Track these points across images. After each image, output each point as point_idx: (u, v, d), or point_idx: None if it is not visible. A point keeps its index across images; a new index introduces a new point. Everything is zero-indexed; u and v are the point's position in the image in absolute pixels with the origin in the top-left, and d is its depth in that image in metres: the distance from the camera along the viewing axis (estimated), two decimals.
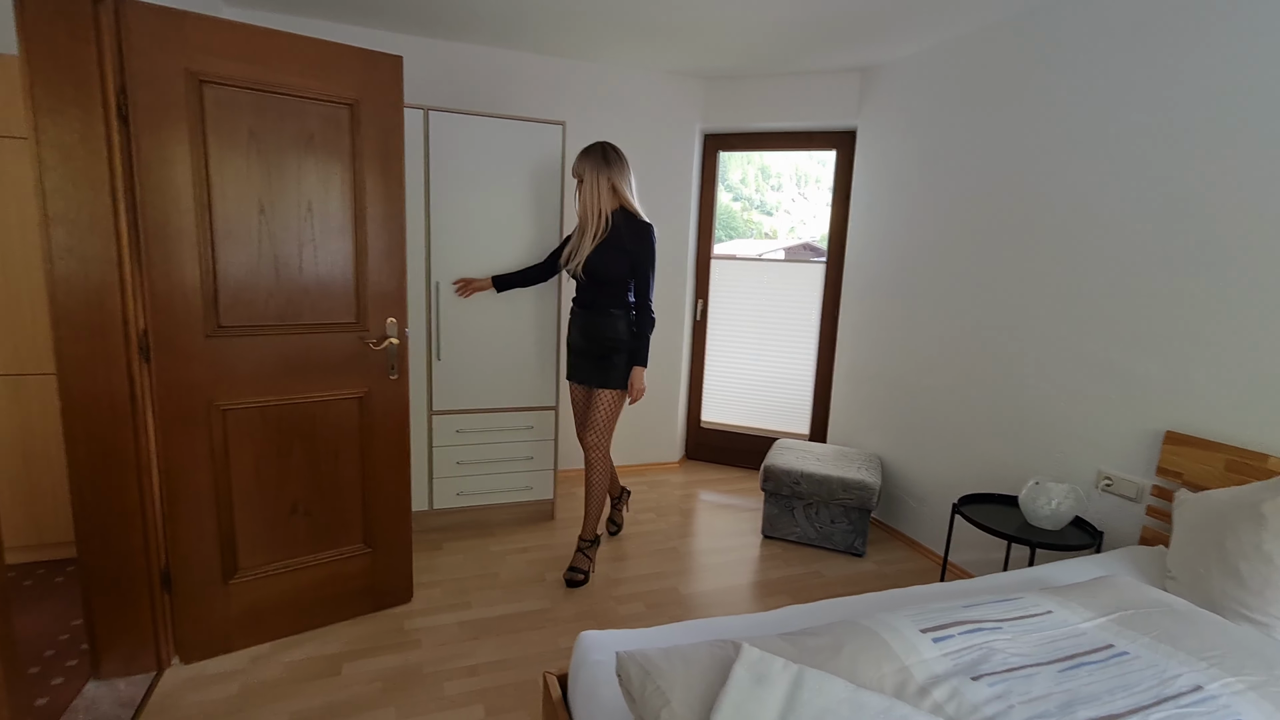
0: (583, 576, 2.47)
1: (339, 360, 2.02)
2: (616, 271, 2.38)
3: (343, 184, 1.95)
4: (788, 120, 3.41)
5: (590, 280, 2.43)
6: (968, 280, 2.62)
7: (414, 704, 1.80)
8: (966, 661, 1.08)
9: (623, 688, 1.08)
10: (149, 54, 1.64)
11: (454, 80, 3.07)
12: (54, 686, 1.78)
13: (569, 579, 2.46)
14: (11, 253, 2.19)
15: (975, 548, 2.58)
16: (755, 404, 3.85)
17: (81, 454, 1.69)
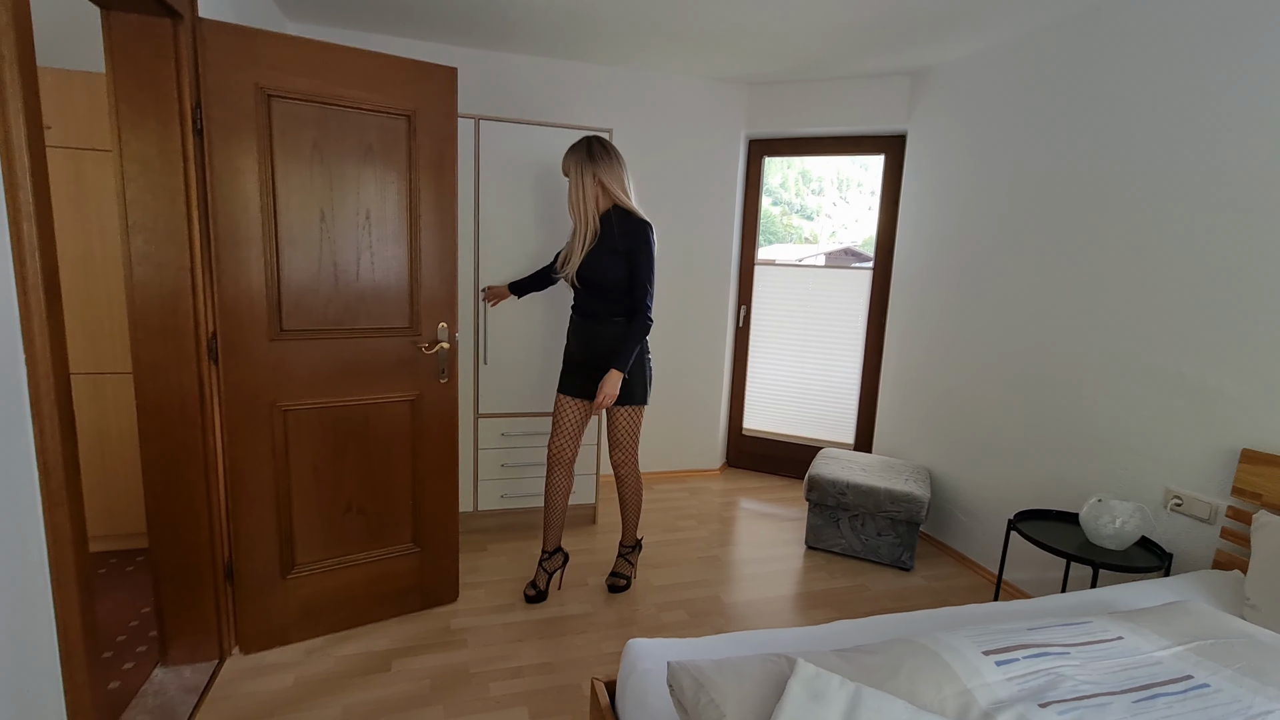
0: (624, 582, 2.46)
1: (392, 363, 2.07)
2: (613, 276, 2.19)
3: (399, 193, 2.00)
4: (834, 125, 3.36)
5: (586, 287, 2.25)
6: (1025, 288, 2.53)
7: (461, 703, 1.83)
8: (1033, 687, 1.04)
9: (674, 698, 1.08)
10: (223, 70, 1.72)
11: (504, 90, 3.12)
12: (125, 671, 1.87)
13: (611, 584, 2.46)
14: (93, 259, 2.32)
15: (1030, 566, 2.49)
16: (798, 412, 3.80)
17: (154, 451, 1.78)
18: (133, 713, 1.71)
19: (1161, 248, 2.04)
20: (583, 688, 1.91)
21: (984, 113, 2.74)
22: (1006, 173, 2.62)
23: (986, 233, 2.71)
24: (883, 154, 3.40)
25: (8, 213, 1.01)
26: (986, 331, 2.71)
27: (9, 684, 0.99)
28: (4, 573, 0.98)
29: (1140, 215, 2.10)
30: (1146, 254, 2.09)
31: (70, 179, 2.26)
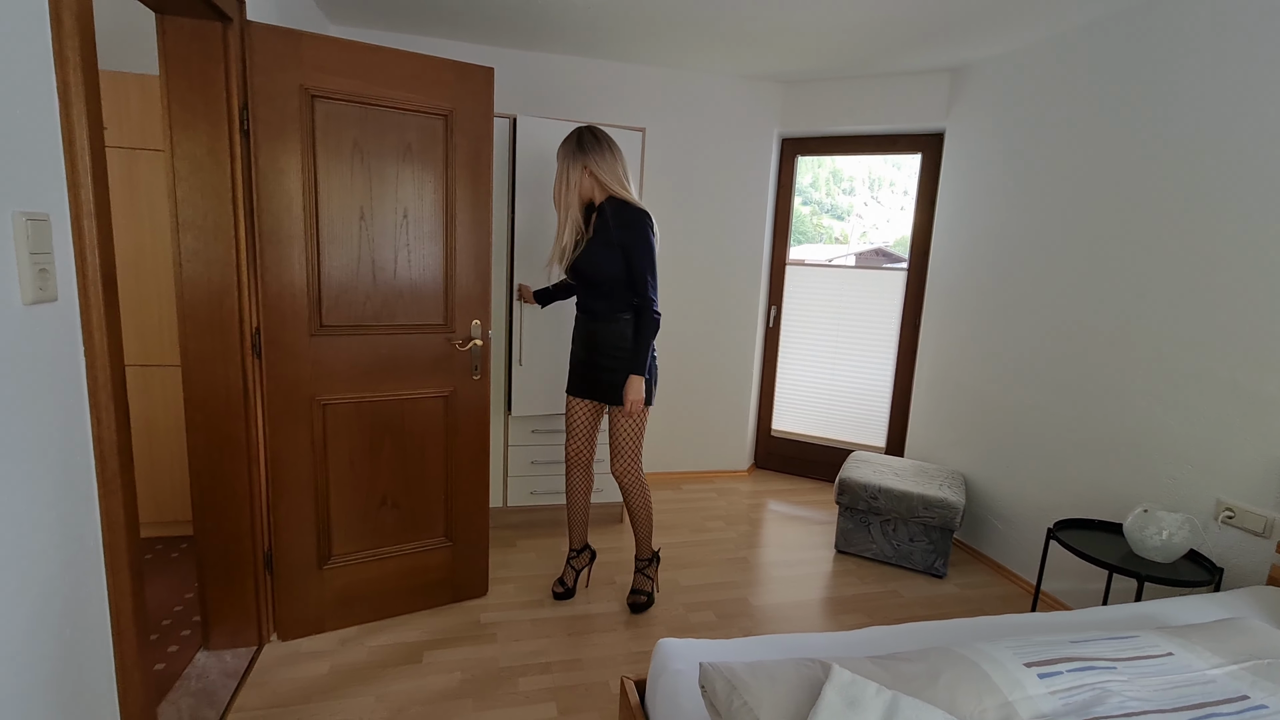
0: (645, 599, 2.33)
1: (428, 360, 2.11)
2: (609, 271, 2.10)
3: (435, 191, 2.03)
4: (870, 123, 3.31)
5: (583, 284, 2.19)
6: (1068, 289, 2.46)
7: (490, 696, 1.85)
8: (1078, 702, 1.01)
9: (706, 699, 1.08)
10: (269, 72, 1.77)
11: (539, 89, 3.15)
12: (170, 654, 1.94)
13: (632, 603, 2.32)
14: (144, 256, 2.40)
15: (1070, 577, 2.42)
16: (828, 414, 3.75)
17: (200, 442, 1.84)
18: (176, 694, 1.77)
19: (1214, 250, 1.96)
20: (610, 686, 1.91)
21: (1026, 110, 2.67)
22: (1049, 171, 2.55)
23: (1027, 232, 2.64)
24: (919, 152, 3.34)
25: (70, 210, 1.05)
26: (1026, 334, 2.64)
27: (65, 664, 1.04)
28: (62, 557, 1.03)
29: (1192, 215, 2.03)
30: (1198, 256, 2.01)
31: (124, 178, 2.34)
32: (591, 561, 2.47)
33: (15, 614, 0.92)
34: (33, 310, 0.96)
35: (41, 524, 0.97)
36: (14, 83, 0.91)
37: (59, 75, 1.01)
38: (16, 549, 0.92)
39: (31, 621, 0.96)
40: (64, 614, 1.03)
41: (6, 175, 0.90)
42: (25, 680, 0.95)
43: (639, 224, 2.07)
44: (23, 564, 0.94)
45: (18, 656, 0.93)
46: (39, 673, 0.98)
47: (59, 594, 1.02)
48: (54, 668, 1.01)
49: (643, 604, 2.33)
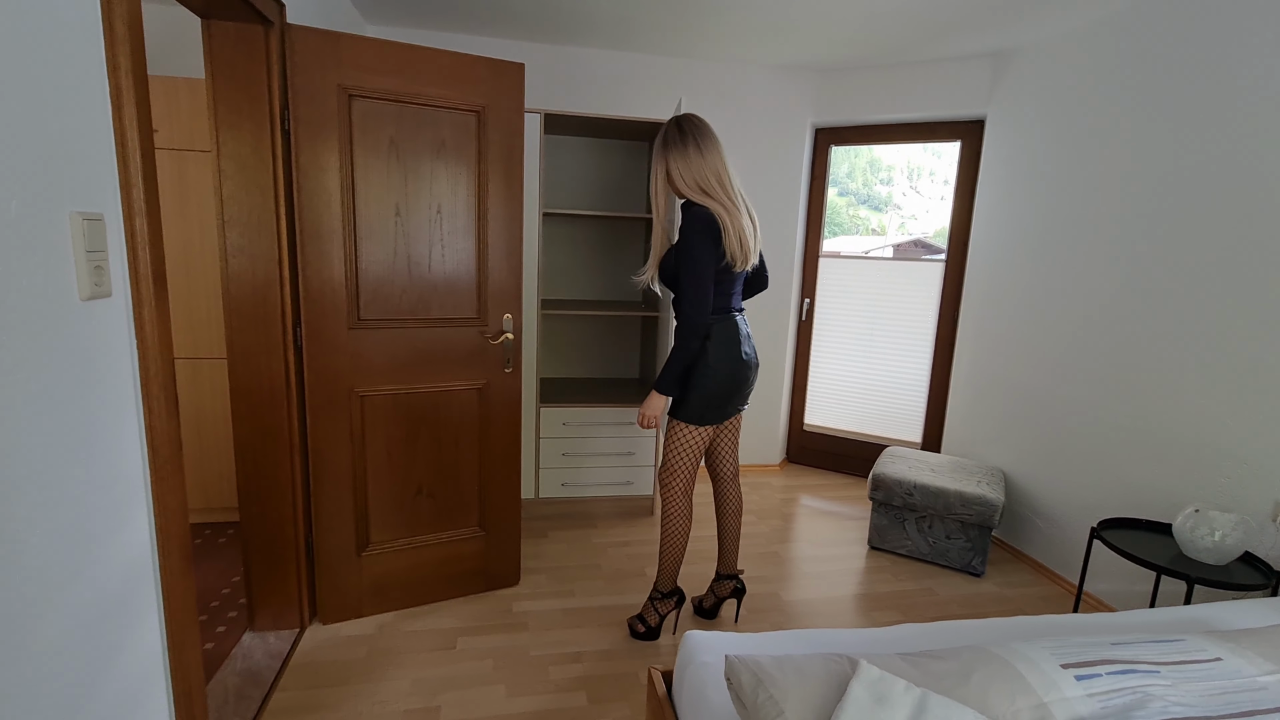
0: (643, 629, 2.09)
1: (461, 353, 2.14)
2: (669, 277, 1.95)
3: (468, 187, 2.06)
4: (907, 111, 3.23)
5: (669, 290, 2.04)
6: (1116, 280, 2.36)
7: (522, 683, 1.88)
8: (1117, 705, 0.97)
9: (732, 692, 1.08)
10: (309, 72, 1.81)
11: (570, 84, 3.16)
12: (218, 634, 2.03)
13: (630, 626, 2.13)
14: (193, 252, 2.50)
15: (1115, 578, 2.33)
16: (863, 408, 3.69)
17: (245, 432, 1.91)
18: (224, 674, 1.85)
19: (1274, 239, 1.86)
20: (640, 677, 1.93)
21: (1073, 95, 2.56)
22: (1095, 157, 2.45)
23: (1072, 221, 2.55)
24: (959, 140, 3.24)
25: (122, 209, 1.10)
26: (1071, 326, 2.55)
27: (120, 642, 1.09)
28: (118, 540, 1.08)
29: (1250, 202, 1.92)
30: (1257, 245, 1.91)
31: (174, 178, 2.44)
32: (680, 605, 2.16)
33: (74, 593, 0.98)
34: (89, 305, 1.01)
35: (97, 508, 1.03)
36: (70, 89, 0.96)
37: (111, 81, 1.06)
38: (75, 531, 0.98)
39: (89, 600, 1.01)
40: (120, 594, 1.09)
41: (65, 177, 0.95)
42: (82, 656, 1.01)
43: (686, 225, 1.82)
44: (80, 545, 0.99)
45: (76, 633, 0.99)
46: (96, 649, 1.03)
47: (116, 574, 1.08)
48: (110, 645, 1.07)
49: (639, 633, 2.10)
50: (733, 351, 1.91)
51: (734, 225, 1.81)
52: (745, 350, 1.94)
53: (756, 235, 1.91)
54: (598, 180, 2.95)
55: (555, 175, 2.81)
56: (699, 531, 2.92)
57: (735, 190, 1.85)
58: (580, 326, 3.17)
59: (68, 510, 0.96)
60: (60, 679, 0.95)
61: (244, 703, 1.75)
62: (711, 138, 1.85)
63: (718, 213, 1.80)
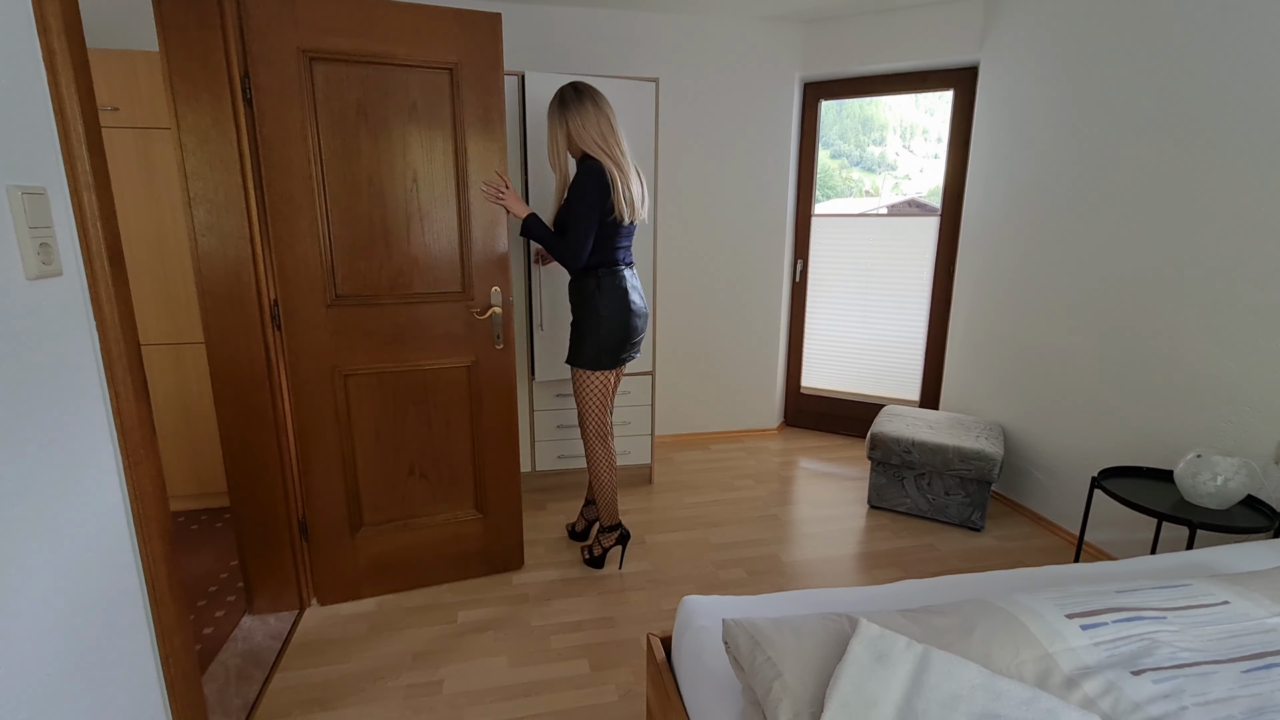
0: (588, 556, 2.34)
1: (448, 329, 2.07)
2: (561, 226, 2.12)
3: (445, 153, 1.98)
4: (898, 60, 3.12)
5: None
6: (1115, 227, 2.30)
7: (523, 654, 1.88)
8: (1124, 653, 0.95)
9: (730, 655, 1.06)
10: (266, 36, 1.72)
11: (547, 43, 3.04)
12: (217, 618, 2.01)
13: (582, 553, 2.39)
14: (165, 234, 2.42)
15: (1115, 527, 2.33)
16: (859, 369, 3.66)
17: (229, 415, 1.87)
18: (225, 655, 1.84)
19: (1277, 179, 1.80)
20: (641, 643, 1.93)
21: (1068, 35, 2.47)
22: (1093, 101, 2.36)
23: (1070, 168, 2.48)
24: (952, 89, 3.15)
25: (68, 184, 1.03)
26: (1069, 277, 2.50)
27: (103, 633, 1.07)
28: (91, 529, 1.04)
29: (1254, 142, 1.86)
30: (1259, 186, 1.85)
31: (138, 158, 2.35)
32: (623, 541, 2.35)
33: (47, 585, 0.94)
34: (37, 285, 0.95)
35: (64, 496, 0.99)
36: None
37: (43, 42, 0.98)
38: (42, 522, 0.94)
39: (65, 593, 0.98)
40: (99, 584, 1.05)
41: None
42: (62, 649, 0.98)
43: (581, 175, 2.00)
44: (49, 537, 0.95)
45: (54, 627, 0.96)
46: (76, 642, 1.00)
47: (93, 564, 1.04)
48: (92, 637, 1.04)
49: (585, 559, 2.35)
50: (622, 302, 2.11)
51: (622, 180, 2.01)
52: (633, 300, 2.15)
53: (644, 196, 2.14)
54: None
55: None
56: (699, 497, 2.92)
57: (625, 150, 2.06)
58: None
59: (31, 501, 0.92)
60: (40, 671, 0.92)
61: (246, 683, 1.74)
62: (600, 102, 2.04)
63: (609, 168, 2.00)
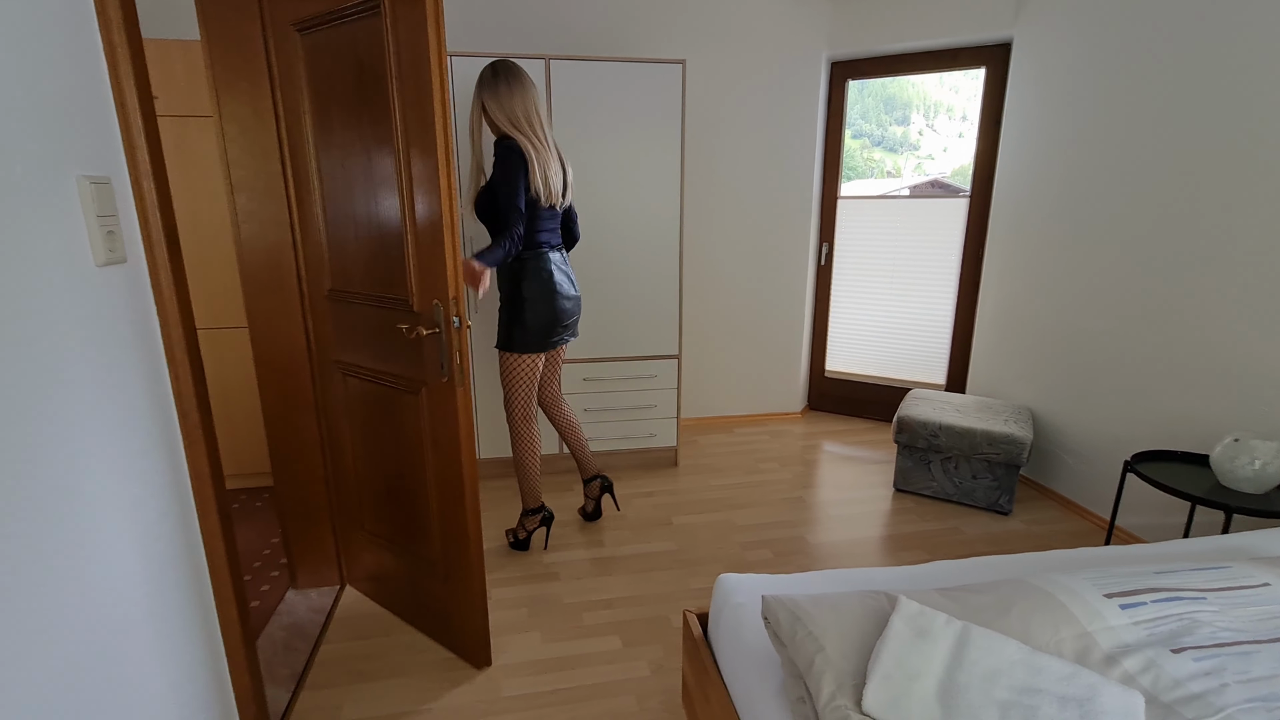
0: (511, 540, 2.36)
1: (397, 342, 1.67)
2: (486, 212, 2.07)
3: (387, 120, 1.53)
4: (928, 38, 3.07)
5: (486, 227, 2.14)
6: (1153, 207, 2.26)
7: (556, 630, 1.93)
8: (1164, 632, 0.96)
9: (769, 630, 1.08)
10: (278, 20, 1.68)
11: (572, 28, 3.03)
12: (262, 592, 2.09)
13: (507, 536, 2.40)
14: (202, 221, 2.48)
15: (1147, 511, 2.31)
16: (884, 352, 3.64)
17: (271, 397, 1.92)
18: (271, 628, 1.92)
19: None
20: (672, 620, 1.97)
21: (1107, 10, 2.40)
22: (1134, 78, 2.31)
23: (1107, 147, 2.43)
24: (983, 67, 3.08)
25: (129, 173, 1.07)
26: (1104, 258, 2.46)
27: (174, 602, 1.12)
28: (158, 505, 1.10)
29: None
30: None
31: (176, 146, 2.40)
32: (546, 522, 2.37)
33: (124, 558, 1.00)
34: (105, 272, 0.99)
35: (133, 474, 1.03)
36: (63, 48, 0.92)
37: (104, 37, 1.01)
38: (116, 497, 0.99)
39: (138, 566, 1.03)
40: (166, 557, 1.11)
41: (66, 140, 0.92)
42: (141, 616, 1.03)
43: (499, 155, 1.96)
44: (122, 512, 1.00)
45: (131, 599, 1.01)
46: (136, 613, 1.06)
47: (161, 538, 1.10)
48: (157, 603, 1.09)
49: (510, 542, 2.38)
50: (547, 286, 2.10)
51: (539, 160, 1.99)
52: (559, 283, 2.13)
53: (566, 179, 2.12)
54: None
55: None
56: (724, 480, 2.94)
57: (545, 133, 2.03)
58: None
59: (104, 478, 0.97)
60: (105, 636, 0.98)
61: (293, 654, 1.81)
62: (522, 81, 1.99)
63: (524, 146, 1.96)
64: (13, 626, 0.78)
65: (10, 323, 0.80)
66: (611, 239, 2.76)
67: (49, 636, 0.84)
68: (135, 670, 1.02)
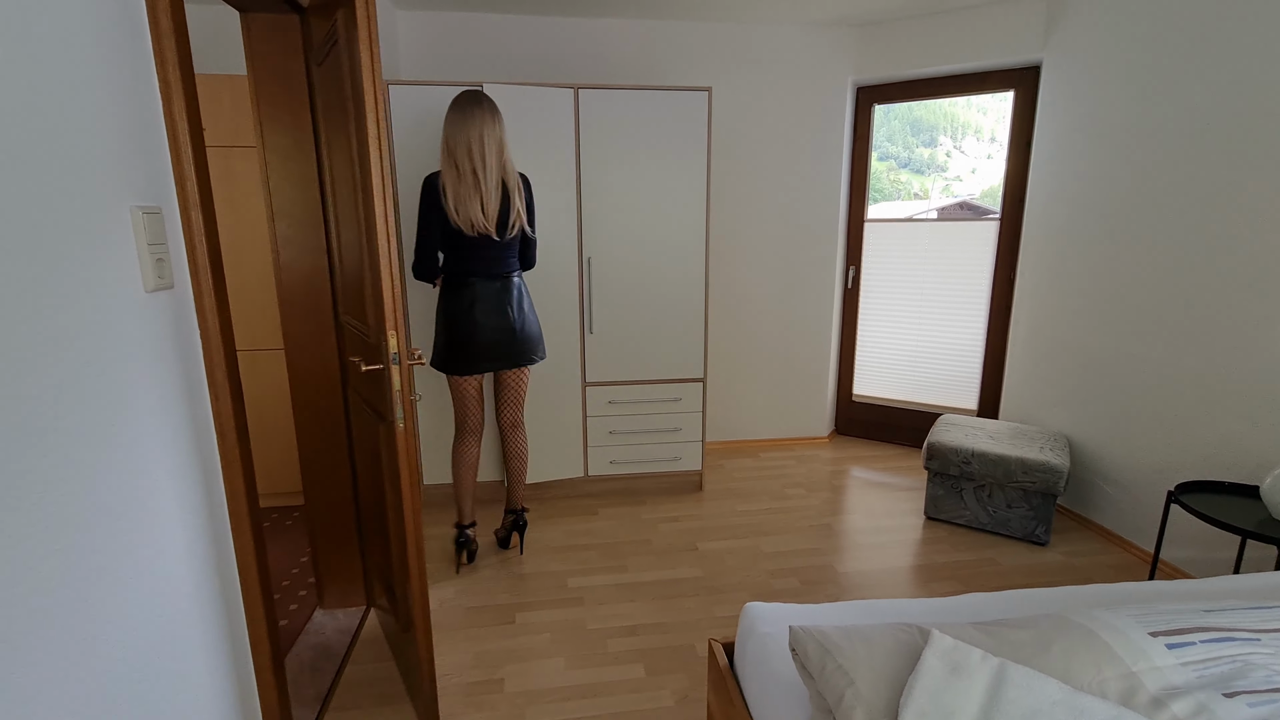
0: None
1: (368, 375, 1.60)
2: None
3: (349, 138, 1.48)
4: (955, 62, 3.06)
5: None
6: (1193, 226, 2.21)
7: (580, 656, 1.91)
8: (1216, 674, 0.92)
9: (797, 662, 1.06)
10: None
11: (601, 57, 3.10)
12: (290, 611, 2.11)
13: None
14: (242, 247, 2.57)
15: (1193, 544, 2.22)
16: (914, 377, 3.58)
17: (305, 418, 1.97)
18: (298, 648, 1.93)
19: None
20: (696, 648, 1.94)
21: (1140, 31, 2.38)
22: (1170, 97, 2.27)
23: (1145, 167, 2.38)
24: (1012, 90, 3.07)
25: (179, 203, 1.12)
26: (1143, 281, 2.40)
27: (210, 616, 1.14)
28: (196, 522, 1.12)
29: None
30: None
31: (221, 175, 2.50)
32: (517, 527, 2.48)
33: (148, 573, 1.02)
34: (154, 297, 1.04)
35: (171, 492, 1.06)
36: (122, 85, 0.98)
37: (160, 75, 1.07)
38: (156, 513, 1.02)
39: (178, 579, 1.06)
40: (198, 572, 1.13)
41: (123, 172, 0.97)
42: (160, 632, 1.05)
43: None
44: (162, 526, 1.03)
45: (155, 610, 1.03)
46: (171, 627, 1.08)
47: (195, 556, 1.12)
48: (190, 617, 1.12)
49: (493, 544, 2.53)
50: (458, 315, 2.14)
51: (453, 192, 2.03)
52: (476, 316, 2.14)
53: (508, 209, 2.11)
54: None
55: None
56: (750, 505, 2.91)
57: (481, 163, 2.03)
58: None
59: (145, 495, 1.00)
60: (143, 651, 1.00)
61: (318, 675, 1.82)
62: (467, 112, 2.02)
63: (441, 180, 2.05)
64: (59, 635, 0.80)
65: (67, 345, 0.83)
66: (637, 263, 2.79)
67: (93, 649, 0.86)
68: (169, 686, 1.04)
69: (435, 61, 3.00)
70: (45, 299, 0.80)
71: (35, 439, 0.78)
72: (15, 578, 0.74)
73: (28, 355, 0.77)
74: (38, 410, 0.78)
